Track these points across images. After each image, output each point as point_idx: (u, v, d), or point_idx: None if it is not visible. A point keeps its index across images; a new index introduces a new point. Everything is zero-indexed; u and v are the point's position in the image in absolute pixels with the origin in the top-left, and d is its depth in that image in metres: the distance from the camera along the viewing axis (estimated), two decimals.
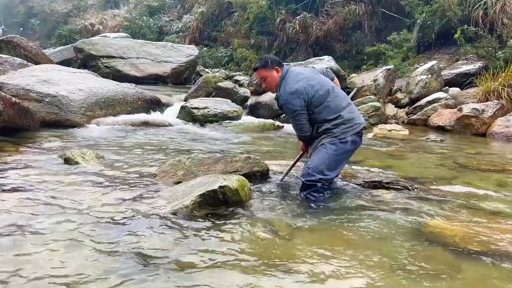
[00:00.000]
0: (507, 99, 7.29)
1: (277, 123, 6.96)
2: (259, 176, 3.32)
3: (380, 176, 3.49)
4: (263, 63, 3.03)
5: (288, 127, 6.80)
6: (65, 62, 11.24)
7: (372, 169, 3.97)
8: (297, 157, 3.38)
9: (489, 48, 9.32)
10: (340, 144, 2.88)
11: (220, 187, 2.55)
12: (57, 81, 6.25)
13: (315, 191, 2.88)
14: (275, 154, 4.56)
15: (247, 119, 7.17)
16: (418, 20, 11.19)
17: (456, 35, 9.74)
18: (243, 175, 3.01)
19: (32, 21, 26.62)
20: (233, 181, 2.63)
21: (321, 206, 2.80)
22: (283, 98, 2.93)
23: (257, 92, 8.74)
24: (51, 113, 5.53)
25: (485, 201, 3.10)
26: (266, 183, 3.27)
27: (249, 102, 8.32)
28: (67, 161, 3.52)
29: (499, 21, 9.71)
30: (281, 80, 2.96)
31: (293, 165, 3.46)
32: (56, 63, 9.54)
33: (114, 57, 10.95)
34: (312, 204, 2.82)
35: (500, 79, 7.61)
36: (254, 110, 8.07)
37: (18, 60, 7.61)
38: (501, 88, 7.43)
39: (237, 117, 6.93)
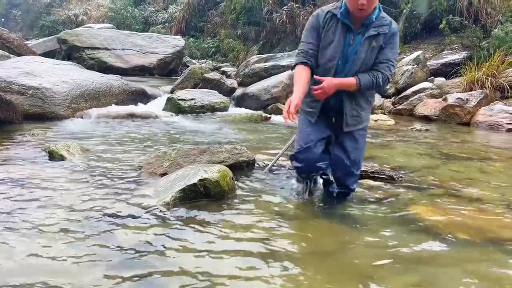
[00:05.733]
0: (490, 88, 7.38)
1: (264, 114, 6.94)
2: (245, 166, 3.32)
3: (365, 166, 3.51)
4: None
5: (275, 118, 6.82)
6: (49, 54, 11.06)
7: None
8: (285, 146, 3.37)
9: (474, 38, 9.41)
10: None
11: (200, 180, 2.53)
12: (40, 73, 6.13)
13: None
14: (262, 145, 4.56)
15: (234, 111, 7.14)
16: (404, 10, 11.24)
17: (441, 25, 9.82)
18: (229, 166, 3.00)
19: (14, 12, 26.04)
20: (213, 172, 2.61)
21: (304, 196, 2.81)
22: (395, 27, 2.36)
23: (244, 83, 8.70)
24: (35, 105, 5.43)
25: (468, 189, 3.16)
26: (252, 174, 3.27)
27: (236, 93, 8.28)
28: (52, 154, 3.47)
29: (483, 11, 9.81)
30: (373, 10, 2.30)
31: (280, 155, 3.46)
32: (39, 55, 9.36)
33: (98, 48, 10.79)
34: (295, 195, 2.83)
35: (484, 69, 7.69)
36: (241, 102, 8.03)
37: (0, 51, 7.45)
38: (485, 78, 7.52)
39: (224, 109, 6.90)
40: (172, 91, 7.61)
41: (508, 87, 7.43)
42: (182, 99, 6.68)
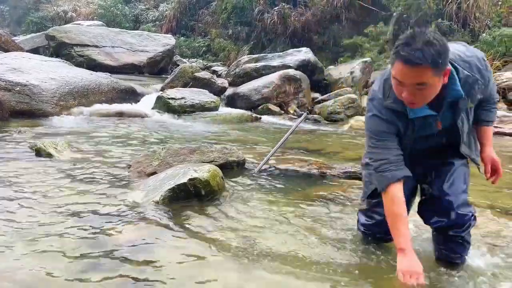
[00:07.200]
0: None
1: (255, 114, 6.95)
2: (236, 166, 3.31)
3: (355, 167, 3.53)
4: (435, 59, 1.47)
5: (266, 119, 6.82)
6: (36, 50, 10.89)
7: (347, 160, 4.01)
8: (276, 147, 3.37)
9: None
10: None
11: (190, 179, 2.51)
12: (28, 69, 6.05)
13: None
14: (252, 145, 4.55)
15: (225, 110, 7.13)
16: (394, 13, 11.34)
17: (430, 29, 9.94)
18: (219, 165, 2.99)
19: (1, 7, 25.62)
20: (203, 172, 2.59)
21: (294, 197, 2.81)
22: (480, 65, 1.74)
23: (234, 83, 8.69)
24: (22, 102, 5.35)
25: None
26: (242, 174, 3.26)
27: (226, 93, 8.27)
28: (39, 152, 3.42)
29: (472, 16, 9.96)
30: (450, 79, 1.60)
31: (270, 156, 3.46)
32: (27, 51, 9.23)
33: (88, 45, 10.66)
34: (285, 194, 2.82)
35: None
36: (231, 101, 8.03)
37: None
38: None
39: (215, 108, 6.89)
40: (162, 90, 7.56)
41: None
42: (172, 98, 6.64)
